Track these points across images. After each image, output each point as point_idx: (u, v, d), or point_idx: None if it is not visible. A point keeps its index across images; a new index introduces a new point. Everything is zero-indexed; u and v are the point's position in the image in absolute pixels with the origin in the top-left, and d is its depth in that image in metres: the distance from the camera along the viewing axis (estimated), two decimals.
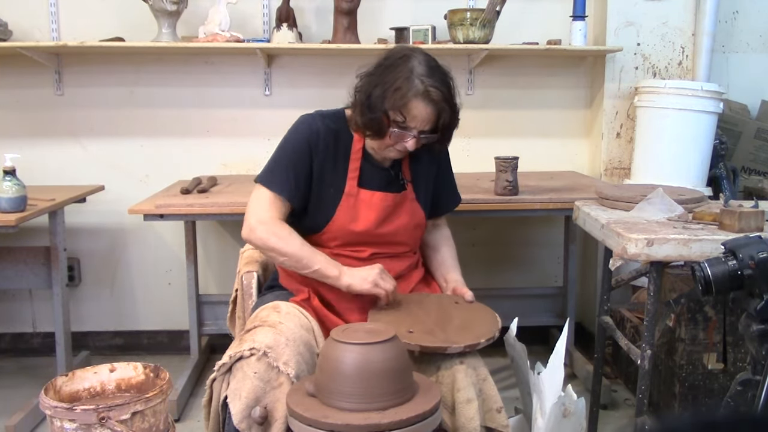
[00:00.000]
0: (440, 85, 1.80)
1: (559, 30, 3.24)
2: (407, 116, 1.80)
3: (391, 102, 1.78)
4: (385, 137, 1.84)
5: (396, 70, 1.80)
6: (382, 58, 1.86)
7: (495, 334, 1.79)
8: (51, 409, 1.80)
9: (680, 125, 2.93)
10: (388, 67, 1.82)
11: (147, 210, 2.58)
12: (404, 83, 1.77)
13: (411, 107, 1.79)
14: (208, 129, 3.31)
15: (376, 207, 1.92)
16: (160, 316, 3.40)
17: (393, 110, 1.79)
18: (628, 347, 2.23)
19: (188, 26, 3.13)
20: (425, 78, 1.78)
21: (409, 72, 1.78)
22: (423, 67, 1.80)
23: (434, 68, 1.82)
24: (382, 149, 1.90)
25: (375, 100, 1.80)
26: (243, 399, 1.61)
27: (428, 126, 1.83)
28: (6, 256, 2.84)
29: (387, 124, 1.81)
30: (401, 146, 1.86)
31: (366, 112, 1.82)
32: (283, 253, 1.83)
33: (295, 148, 1.90)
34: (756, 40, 3.40)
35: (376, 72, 1.84)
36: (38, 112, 3.25)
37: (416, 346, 1.69)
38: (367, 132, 1.86)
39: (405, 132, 1.82)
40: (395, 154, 1.90)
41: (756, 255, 1.64)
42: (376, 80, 1.82)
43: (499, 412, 1.72)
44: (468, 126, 3.34)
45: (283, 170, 1.89)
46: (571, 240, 3.23)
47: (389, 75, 1.80)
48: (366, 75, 1.86)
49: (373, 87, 1.81)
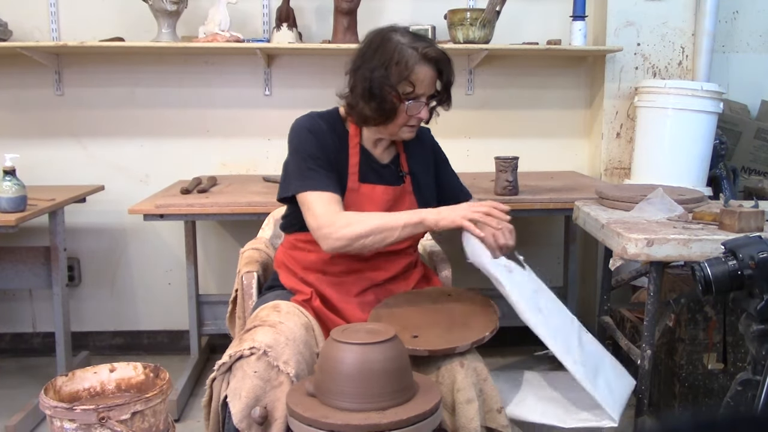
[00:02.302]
0: (431, 45, 1.86)
1: (559, 30, 3.24)
2: (416, 83, 1.84)
3: (397, 75, 1.82)
4: (396, 118, 1.86)
5: (386, 48, 1.84)
6: (363, 48, 1.89)
7: (497, 324, 1.80)
8: (51, 409, 1.80)
9: (680, 125, 2.93)
10: (375, 51, 1.85)
11: (147, 210, 2.58)
12: (401, 55, 1.82)
13: (417, 72, 1.83)
14: (208, 129, 3.31)
15: (378, 201, 1.92)
16: (160, 316, 3.40)
17: (401, 83, 1.82)
18: (628, 347, 2.23)
19: (188, 26, 3.13)
20: (416, 44, 1.84)
21: (398, 45, 1.83)
22: (408, 37, 1.86)
23: (416, 34, 1.90)
24: (396, 132, 1.91)
25: (379, 82, 1.82)
26: (243, 398, 1.61)
27: (433, 89, 1.89)
28: (6, 256, 2.84)
29: (398, 101, 1.84)
30: (415, 120, 1.89)
31: (374, 97, 1.83)
32: (367, 234, 1.76)
33: (309, 146, 1.88)
34: (756, 40, 3.40)
35: (365, 61, 1.86)
36: (38, 112, 3.25)
37: (425, 351, 1.69)
38: (378, 119, 1.87)
39: (417, 102, 1.85)
40: (409, 132, 1.92)
41: (756, 255, 1.65)
42: (370, 66, 1.84)
43: (500, 412, 1.72)
44: (468, 126, 3.36)
45: (313, 169, 1.85)
46: (571, 240, 3.23)
47: (381, 56, 1.83)
48: (355, 69, 1.89)
49: (371, 72, 1.83)
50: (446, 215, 1.78)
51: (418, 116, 1.88)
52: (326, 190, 1.83)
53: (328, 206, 1.81)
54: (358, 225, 1.77)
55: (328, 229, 1.77)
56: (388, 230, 1.77)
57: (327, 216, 1.79)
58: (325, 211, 1.80)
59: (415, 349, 1.67)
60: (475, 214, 1.77)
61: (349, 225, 1.77)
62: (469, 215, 1.77)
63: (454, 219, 1.78)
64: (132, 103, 3.27)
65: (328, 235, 1.77)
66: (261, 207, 2.54)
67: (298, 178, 1.86)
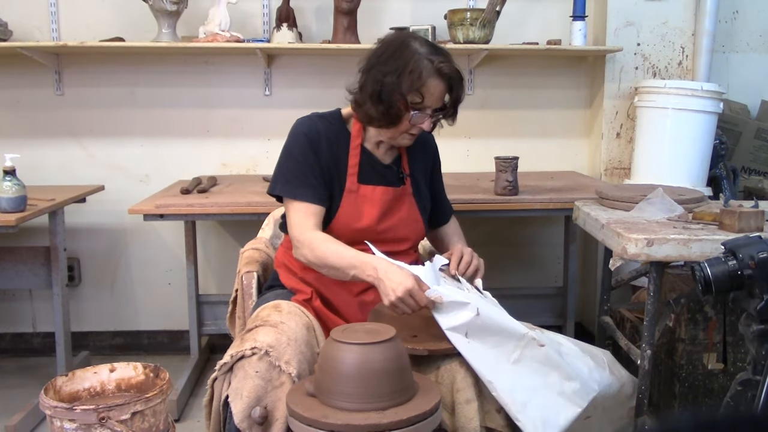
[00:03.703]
0: (447, 60, 1.85)
1: (559, 30, 3.24)
2: (425, 95, 1.83)
3: (408, 84, 1.81)
4: (399, 124, 1.86)
5: (402, 55, 1.82)
6: (380, 49, 1.88)
7: None
8: (51, 409, 1.80)
9: (680, 125, 2.93)
10: (391, 54, 1.84)
11: (147, 210, 2.58)
12: (415, 65, 1.81)
13: (428, 85, 1.82)
14: (208, 129, 3.31)
15: (378, 202, 1.92)
16: (160, 316, 3.40)
17: (411, 92, 1.82)
18: (628, 347, 2.23)
19: (188, 26, 3.13)
20: (433, 56, 1.83)
21: (416, 54, 1.82)
22: (426, 48, 1.85)
23: (435, 46, 1.89)
24: (396, 137, 1.91)
25: (390, 87, 1.81)
26: (244, 398, 1.61)
27: (440, 103, 1.88)
28: (6, 256, 2.84)
29: (405, 109, 1.83)
30: (416, 129, 1.88)
31: (382, 100, 1.83)
32: (320, 265, 1.81)
33: (302, 151, 1.90)
34: (756, 40, 3.40)
35: (380, 62, 1.85)
36: (38, 112, 3.25)
37: (424, 351, 1.69)
38: (382, 122, 1.87)
39: (422, 113, 1.85)
40: (408, 140, 1.92)
41: (756, 255, 1.64)
42: (383, 69, 1.83)
43: (499, 413, 1.72)
44: (468, 126, 3.35)
45: (300, 176, 1.88)
46: (571, 240, 3.23)
47: (397, 61, 1.82)
48: (368, 69, 1.87)
49: (383, 76, 1.82)
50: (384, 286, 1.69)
51: (420, 126, 1.88)
52: (307, 200, 1.86)
53: (305, 219, 1.85)
54: (317, 252, 1.80)
55: (296, 242, 1.85)
56: (338, 269, 1.78)
57: (299, 229, 1.85)
58: (300, 223, 1.85)
59: (415, 348, 1.68)
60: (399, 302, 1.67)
61: (311, 248, 1.81)
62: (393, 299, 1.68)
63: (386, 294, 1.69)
64: (132, 103, 3.27)
65: (296, 247, 1.85)
66: (261, 207, 2.54)
67: (284, 182, 1.90)
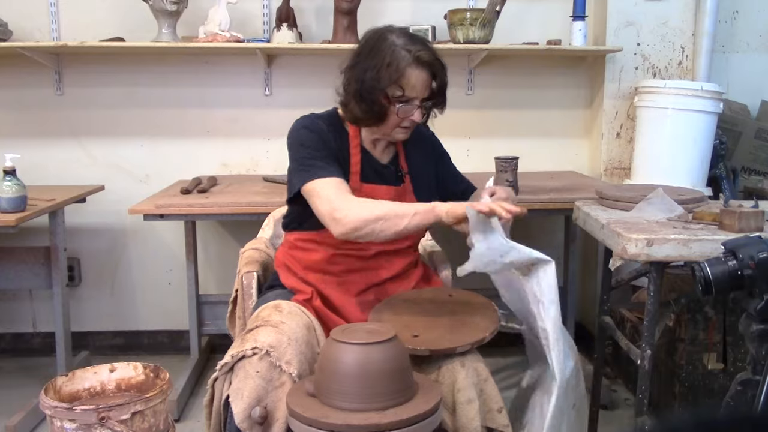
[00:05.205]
0: (425, 48, 1.83)
1: (559, 30, 3.24)
2: (406, 87, 1.82)
3: (387, 78, 1.80)
4: (387, 120, 1.85)
5: (379, 50, 1.82)
6: (359, 47, 1.89)
7: (497, 325, 1.80)
8: (51, 409, 1.80)
9: (680, 125, 2.93)
10: (370, 51, 1.84)
11: (147, 210, 2.58)
12: (393, 58, 1.80)
13: (407, 76, 1.81)
14: (208, 129, 3.31)
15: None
16: (160, 316, 3.40)
17: (390, 86, 1.81)
18: (628, 347, 2.23)
19: (188, 26, 3.12)
20: (410, 46, 1.82)
21: (392, 46, 1.82)
22: (403, 39, 1.84)
23: (413, 36, 1.87)
24: (389, 133, 1.90)
25: (369, 83, 1.81)
26: (245, 398, 1.61)
27: (426, 92, 1.86)
28: (6, 256, 2.84)
29: (388, 103, 1.83)
30: (408, 122, 1.87)
31: (364, 98, 1.83)
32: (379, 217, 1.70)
33: (311, 140, 1.87)
34: (756, 40, 3.40)
35: (360, 60, 1.85)
36: (38, 112, 3.25)
37: (425, 351, 1.69)
38: (368, 120, 1.86)
39: (409, 105, 1.83)
40: (403, 134, 1.91)
41: (756, 255, 1.64)
42: (363, 66, 1.83)
43: (500, 413, 1.72)
44: (468, 126, 3.36)
45: (318, 158, 1.84)
46: (571, 240, 3.22)
47: (375, 57, 1.82)
48: (350, 67, 1.88)
49: (363, 73, 1.83)
50: (457, 205, 1.73)
51: (410, 118, 1.86)
52: (333, 175, 1.81)
53: (338, 190, 1.77)
54: (372, 207, 1.73)
55: (340, 212, 1.72)
56: (400, 216, 1.72)
57: (339, 199, 1.75)
58: (336, 194, 1.76)
59: (416, 348, 1.67)
60: (483, 207, 1.68)
61: (363, 206, 1.73)
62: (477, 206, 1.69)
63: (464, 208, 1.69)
64: (132, 103, 3.27)
65: (341, 219, 1.72)
66: (261, 207, 2.53)
67: (301, 172, 1.84)
